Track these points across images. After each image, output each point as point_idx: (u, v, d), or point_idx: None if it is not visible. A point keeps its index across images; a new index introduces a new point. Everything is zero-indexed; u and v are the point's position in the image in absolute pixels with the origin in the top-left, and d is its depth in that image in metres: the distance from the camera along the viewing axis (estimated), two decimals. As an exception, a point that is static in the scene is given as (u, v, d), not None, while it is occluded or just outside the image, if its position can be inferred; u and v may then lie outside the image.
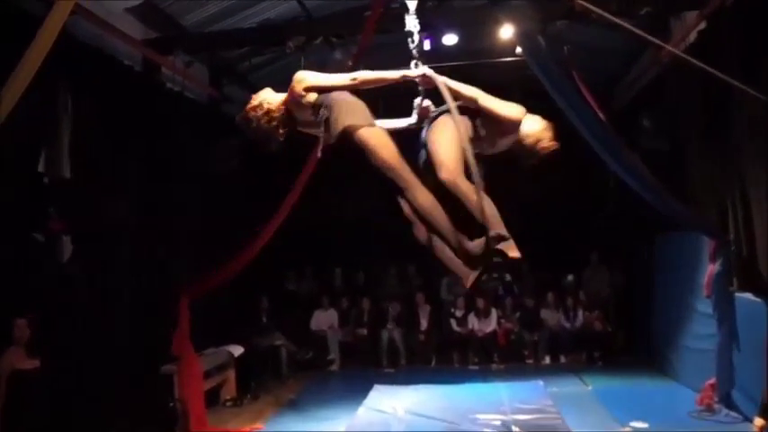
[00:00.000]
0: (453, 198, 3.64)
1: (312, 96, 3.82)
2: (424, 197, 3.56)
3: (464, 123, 3.87)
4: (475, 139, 3.94)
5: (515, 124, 3.99)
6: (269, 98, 3.93)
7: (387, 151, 3.59)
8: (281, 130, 3.90)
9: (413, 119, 4.17)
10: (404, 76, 3.92)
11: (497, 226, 3.49)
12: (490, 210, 3.53)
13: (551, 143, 4.04)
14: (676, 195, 7.10)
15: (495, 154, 4.15)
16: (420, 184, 3.59)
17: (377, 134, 3.65)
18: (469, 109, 3.97)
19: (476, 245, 3.51)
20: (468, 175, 3.64)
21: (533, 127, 4.03)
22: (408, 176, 3.58)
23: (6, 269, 5.85)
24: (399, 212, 3.82)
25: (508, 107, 3.98)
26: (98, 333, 6.78)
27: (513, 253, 3.47)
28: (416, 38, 4.27)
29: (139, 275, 7.67)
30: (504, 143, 4.12)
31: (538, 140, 4.01)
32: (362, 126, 3.63)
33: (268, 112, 3.88)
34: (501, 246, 3.45)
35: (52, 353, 6.04)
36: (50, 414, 5.89)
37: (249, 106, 3.93)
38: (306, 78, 3.87)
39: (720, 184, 7.33)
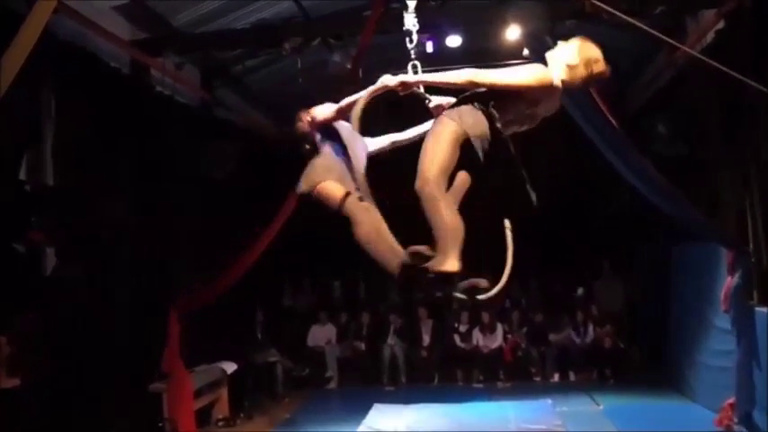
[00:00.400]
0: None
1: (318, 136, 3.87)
2: (360, 231, 3.39)
3: (469, 117, 3.40)
4: (494, 130, 3.42)
5: (540, 89, 3.42)
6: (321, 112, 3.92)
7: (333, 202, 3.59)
8: (306, 146, 3.93)
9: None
10: (373, 92, 3.62)
11: (446, 244, 3.14)
12: (449, 225, 3.17)
13: (602, 64, 3.42)
14: (693, 203, 6.87)
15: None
16: (365, 219, 3.43)
17: (327, 188, 3.61)
18: (483, 94, 3.45)
19: (394, 267, 3.27)
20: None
21: (572, 60, 3.41)
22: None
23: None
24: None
25: (518, 75, 3.39)
26: (91, 346, 6.61)
27: (443, 267, 3.11)
28: (415, 38, 3.99)
29: (135, 285, 7.49)
30: (545, 108, 3.58)
31: (587, 68, 3.40)
32: (314, 185, 3.64)
33: (311, 121, 3.92)
34: (430, 264, 3.11)
35: (45, 363, 5.92)
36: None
37: (309, 109, 3.96)
38: (315, 116, 3.87)
39: (739, 191, 7.13)
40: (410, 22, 4.04)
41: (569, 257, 11.49)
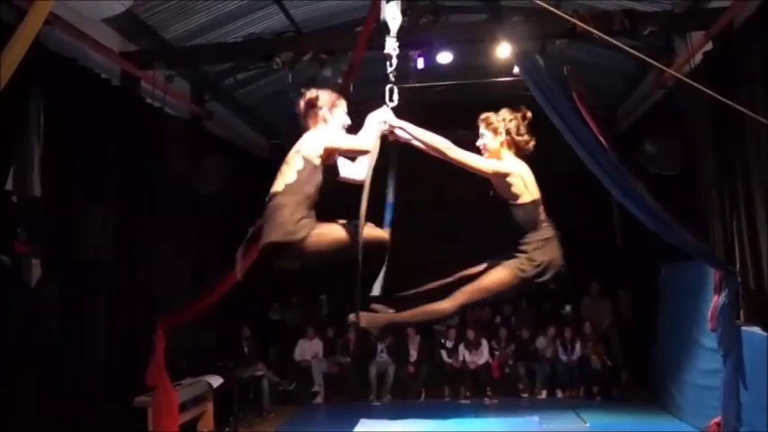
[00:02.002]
0: None
1: None
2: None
3: None
4: None
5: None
6: None
7: None
8: None
9: None
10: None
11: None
12: None
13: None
14: (681, 222, 6.86)
15: None
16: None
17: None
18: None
19: None
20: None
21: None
22: None
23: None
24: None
25: (480, 162, 4.00)
26: (72, 361, 6.53)
27: None
28: (395, 62, 4.04)
29: (122, 297, 7.40)
30: None
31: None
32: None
33: None
34: None
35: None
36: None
37: None
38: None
39: (728, 211, 7.10)
40: (391, 45, 4.07)
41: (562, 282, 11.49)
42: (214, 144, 9.67)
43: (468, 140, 4.08)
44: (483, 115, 4.13)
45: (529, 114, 4.11)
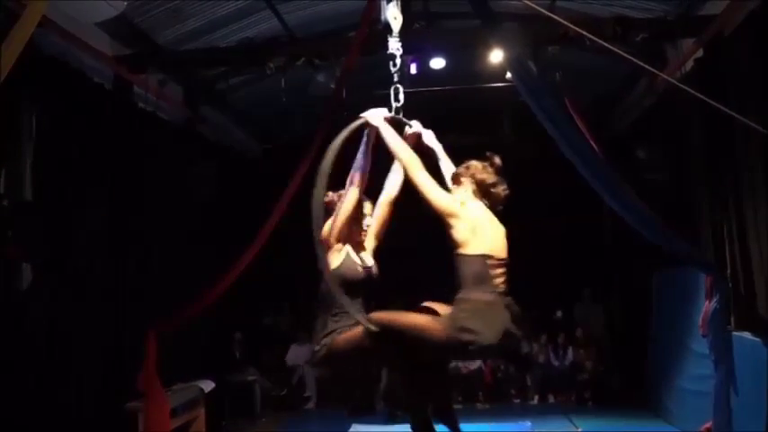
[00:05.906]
0: None
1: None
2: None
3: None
4: None
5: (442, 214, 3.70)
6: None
7: None
8: None
9: None
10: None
11: None
12: None
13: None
14: (672, 228, 6.88)
15: None
16: None
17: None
18: None
19: None
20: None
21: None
22: None
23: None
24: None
25: (436, 195, 3.68)
26: (63, 365, 6.50)
27: None
28: (398, 61, 4.03)
29: (112, 302, 7.38)
30: None
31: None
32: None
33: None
34: None
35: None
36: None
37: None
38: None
39: (718, 216, 7.13)
40: (394, 45, 4.07)
41: (549, 281, 11.52)
42: (207, 148, 9.66)
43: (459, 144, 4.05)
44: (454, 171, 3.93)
45: (497, 161, 3.83)
